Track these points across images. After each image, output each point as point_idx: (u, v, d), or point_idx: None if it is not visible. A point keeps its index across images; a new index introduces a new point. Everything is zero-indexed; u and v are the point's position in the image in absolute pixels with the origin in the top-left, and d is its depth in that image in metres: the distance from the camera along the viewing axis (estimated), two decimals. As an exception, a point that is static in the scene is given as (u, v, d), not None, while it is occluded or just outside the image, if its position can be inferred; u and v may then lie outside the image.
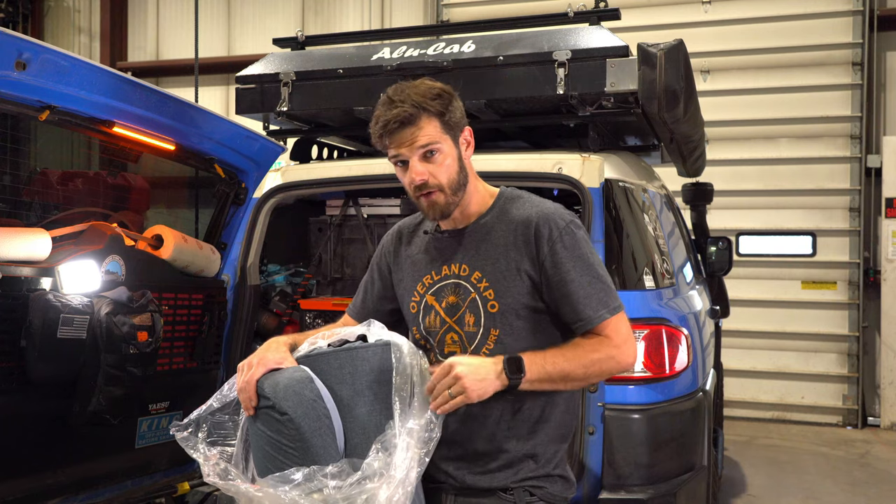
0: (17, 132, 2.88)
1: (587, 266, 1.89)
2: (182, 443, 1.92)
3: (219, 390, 1.98)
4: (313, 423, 1.79)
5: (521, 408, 1.92)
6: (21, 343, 2.57)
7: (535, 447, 1.93)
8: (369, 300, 2.18)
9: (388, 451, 1.75)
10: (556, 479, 1.97)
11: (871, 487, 5.71)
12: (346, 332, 1.96)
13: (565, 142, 3.84)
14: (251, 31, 10.23)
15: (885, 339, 7.62)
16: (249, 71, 3.74)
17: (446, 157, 1.92)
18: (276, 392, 1.81)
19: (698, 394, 3.19)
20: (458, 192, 1.95)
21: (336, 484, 1.71)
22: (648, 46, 3.13)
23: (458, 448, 1.92)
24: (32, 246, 2.65)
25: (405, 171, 1.94)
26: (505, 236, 1.95)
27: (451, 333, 1.97)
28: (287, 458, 1.79)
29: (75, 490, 2.89)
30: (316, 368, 1.89)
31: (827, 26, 7.80)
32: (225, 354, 3.54)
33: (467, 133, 2.00)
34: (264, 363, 1.88)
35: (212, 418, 1.95)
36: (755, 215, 8.00)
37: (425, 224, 2.12)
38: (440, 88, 1.94)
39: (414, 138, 1.89)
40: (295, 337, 2.01)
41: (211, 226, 3.58)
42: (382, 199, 4.28)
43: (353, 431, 1.84)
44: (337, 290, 4.36)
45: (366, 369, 1.86)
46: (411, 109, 1.88)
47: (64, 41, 10.98)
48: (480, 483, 1.92)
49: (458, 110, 1.97)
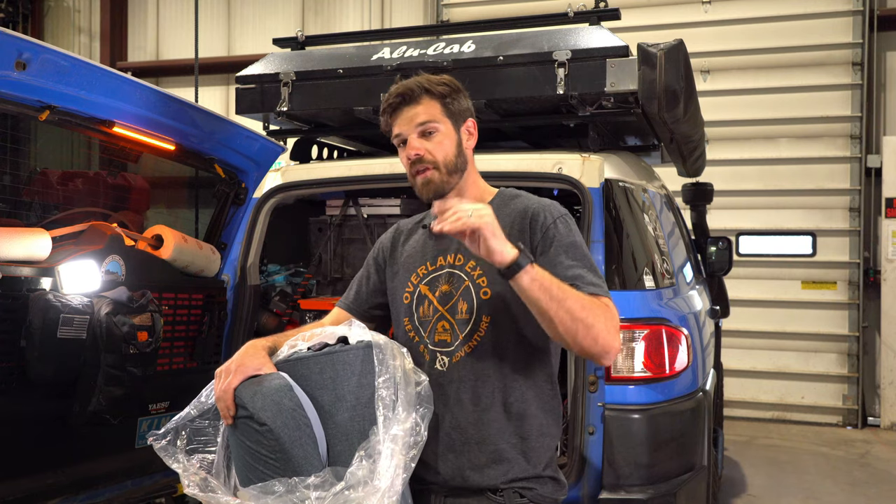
0: (17, 132, 2.88)
1: (580, 254, 1.90)
2: (160, 453, 1.88)
3: (196, 397, 1.92)
4: (293, 433, 1.74)
5: (510, 401, 1.92)
6: (21, 343, 2.57)
7: (524, 443, 1.92)
8: (364, 293, 2.17)
9: (372, 459, 1.70)
10: (546, 480, 1.96)
11: (871, 487, 5.71)
12: (327, 333, 1.92)
13: (565, 142, 3.84)
14: (251, 31, 10.23)
15: (885, 339, 7.62)
16: (249, 71, 3.74)
17: (445, 138, 1.96)
18: (255, 402, 1.76)
19: (698, 394, 3.19)
20: (453, 173, 1.96)
21: (319, 495, 1.66)
22: (648, 46, 3.13)
23: (448, 441, 1.92)
24: (32, 246, 2.64)
25: (405, 150, 1.98)
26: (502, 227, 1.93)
27: (442, 322, 1.96)
28: (268, 468, 1.74)
29: (75, 490, 2.89)
30: (295, 374, 1.84)
31: (827, 26, 7.81)
32: (225, 354, 3.53)
33: (471, 124, 2.03)
34: (242, 370, 1.83)
35: (191, 425, 1.91)
36: (755, 215, 8.00)
37: (424, 220, 2.13)
38: (448, 79, 2.00)
39: (414, 115, 1.95)
40: (275, 339, 1.97)
41: (211, 226, 3.58)
42: (382, 199, 4.28)
43: (336, 438, 1.80)
44: (337, 290, 4.36)
45: (347, 373, 1.82)
46: (414, 87, 1.95)
47: (64, 41, 10.98)
48: (471, 480, 1.91)
49: (462, 100, 2.01)
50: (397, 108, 1.96)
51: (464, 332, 1.94)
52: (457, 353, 1.94)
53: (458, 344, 1.94)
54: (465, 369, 1.93)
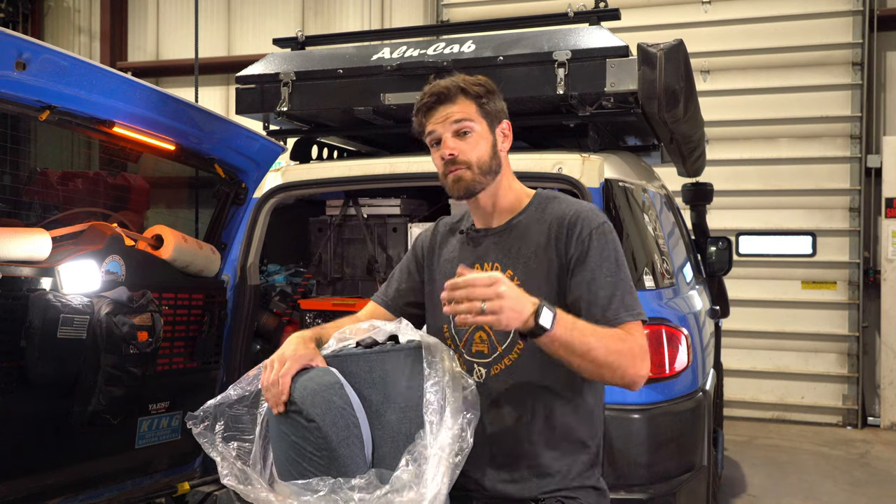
0: (17, 132, 2.88)
1: (613, 268, 1.85)
2: (198, 437, 1.85)
3: (237, 381, 1.89)
4: (342, 433, 1.71)
5: (551, 413, 1.88)
6: (21, 343, 2.57)
7: (564, 456, 1.88)
8: (402, 290, 2.13)
9: (418, 464, 1.66)
10: (589, 490, 1.91)
11: (871, 487, 5.71)
12: (377, 330, 1.89)
13: (565, 142, 3.84)
14: (251, 31, 10.22)
15: (885, 339, 7.62)
16: (249, 71, 3.74)
17: (480, 139, 1.92)
18: (305, 397, 1.73)
19: (698, 394, 3.19)
20: (486, 174, 1.92)
21: (362, 497, 1.62)
22: (648, 46, 3.13)
23: (488, 453, 1.88)
24: (32, 246, 2.64)
25: (438, 150, 1.93)
26: (538, 236, 1.92)
27: (479, 332, 1.94)
28: (311, 465, 1.71)
29: (75, 490, 2.89)
30: (345, 370, 1.81)
31: (827, 26, 7.80)
32: (225, 354, 3.54)
33: (506, 126, 1.99)
34: (298, 360, 1.79)
35: (229, 411, 1.87)
36: (755, 215, 8.00)
37: (462, 224, 2.09)
38: (484, 79, 1.96)
39: (449, 114, 1.90)
40: (318, 331, 1.94)
41: (211, 226, 3.58)
42: (382, 199, 4.28)
43: (382, 440, 1.76)
44: (337, 290, 4.36)
45: (396, 374, 1.79)
46: (450, 86, 1.90)
47: (64, 41, 10.97)
48: (510, 491, 1.88)
49: (497, 101, 1.97)
50: (432, 107, 1.92)
51: (503, 344, 1.90)
52: (496, 365, 1.91)
53: (496, 356, 1.91)
54: (504, 381, 1.90)
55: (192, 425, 1.86)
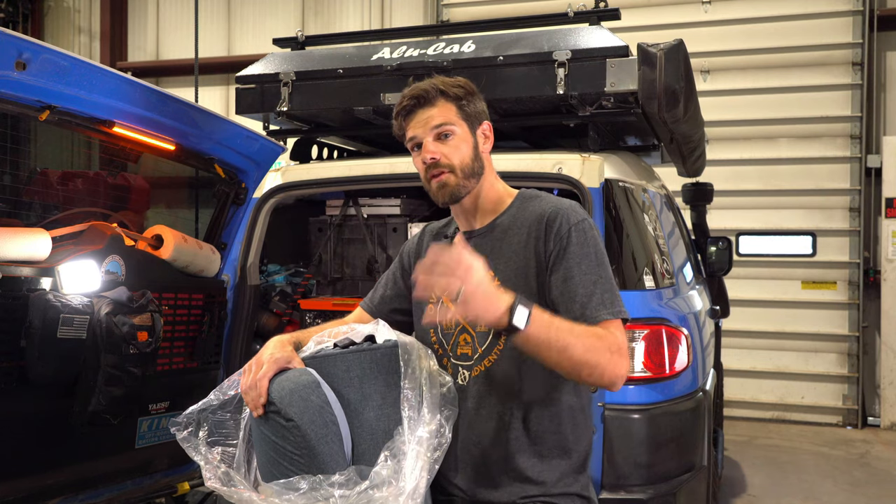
0: (17, 132, 2.88)
1: (592, 265, 1.83)
2: (182, 443, 1.87)
3: (218, 387, 1.91)
4: (320, 430, 1.74)
5: (530, 417, 1.87)
6: (21, 343, 2.57)
7: (544, 461, 1.87)
8: (387, 296, 2.14)
9: (396, 459, 1.69)
10: (573, 497, 1.89)
11: (871, 487, 5.71)
12: (354, 331, 1.91)
13: (565, 142, 3.84)
14: (251, 31, 10.22)
15: (885, 339, 7.62)
16: (249, 71, 3.74)
17: (461, 142, 1.91)
18: (283, 397, 1.75)
19: (698, 394, 3.19)
20: (470, 177, 1.91)
21: (343, 493, 1.64)
22: (648, 46, 3.13)
23: (468, 457, 1.88)
24: (32, 246, 2.64)
25: (419, 154, 1.92)
26: (519, 235, 1.92)
27: (464, 335, 1.93)
28: (292, 464, 1.73)
29: (75, 490, 2.89)
30: (322, 370, 1.83)
31: (827, 26, 7.80)
32: (225, 354, 3.54)
33: (486, 127, 1.99)
34: (275, 362, 1.81)
35: (212, 416, 1.89)
36: (755, 215, 8.00)
37: (448, 229, 2.09)
38: (463, 81, 1.95)
39: (429, 118, 1.89)
40: (297, 335, 1.95)
41: (211, 226, 3.58)
42: (382, 199, 4.28)
43: (361, 437, 1.79)
44: (337, 290, 4.36)
45: (373, 372, 1.81)
46: (429, 88, 1.89)
47: (64, 41, 10.97)
48: (490, 497, 1.87)
49: (478, 103, 1.96)
50: (411, 110, 1.90)
51: (483, 345, 1.90)
52: (476, 368, 1.91)
53: (477, 358, 1.91)
54: (484, 384, 1.89)
55: (176, 430, 1.88)
